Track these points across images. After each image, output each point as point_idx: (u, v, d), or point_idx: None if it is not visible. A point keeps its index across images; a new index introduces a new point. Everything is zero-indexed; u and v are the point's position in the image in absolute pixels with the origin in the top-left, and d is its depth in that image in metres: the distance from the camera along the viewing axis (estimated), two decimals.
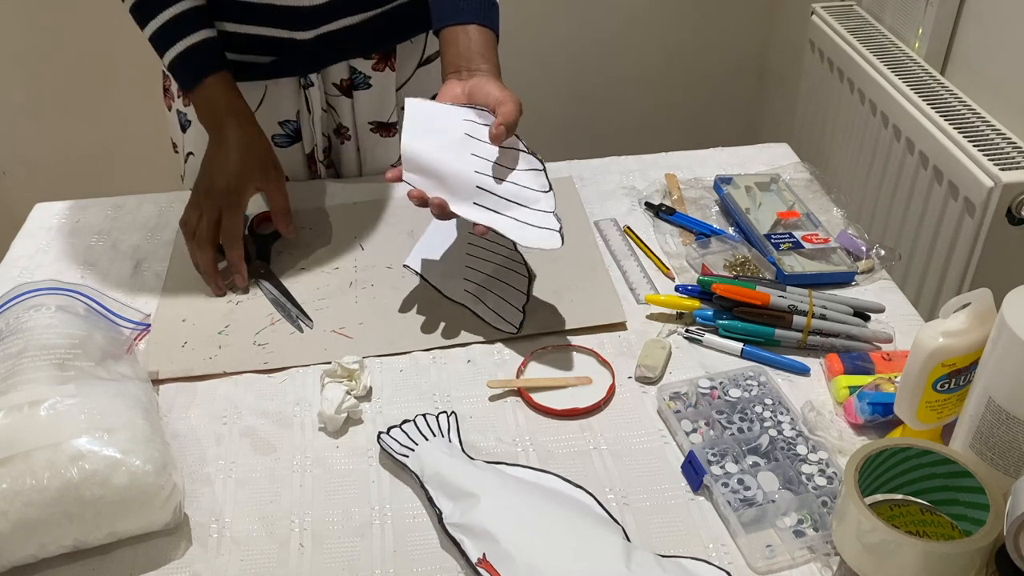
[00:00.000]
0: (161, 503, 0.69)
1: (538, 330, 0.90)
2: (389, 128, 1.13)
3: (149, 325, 0.86)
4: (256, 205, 1.09)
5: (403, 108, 0.89)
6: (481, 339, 0.89)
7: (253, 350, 0.88)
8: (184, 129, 1.14)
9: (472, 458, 0.76)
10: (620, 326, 0.91)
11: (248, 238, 1.01)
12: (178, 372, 0.86)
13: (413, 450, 0.76)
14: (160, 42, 0.97)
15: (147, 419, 0.72)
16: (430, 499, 0.72)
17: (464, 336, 0.89)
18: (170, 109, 1.16)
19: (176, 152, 1.20)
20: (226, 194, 0.95)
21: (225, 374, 0.86)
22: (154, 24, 0.96)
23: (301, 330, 0.91)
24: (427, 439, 0.77)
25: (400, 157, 0.87)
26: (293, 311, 0.93)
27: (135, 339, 0.85)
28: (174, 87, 1.13)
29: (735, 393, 0.81)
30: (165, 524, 0.70)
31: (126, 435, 0.69)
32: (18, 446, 0.66)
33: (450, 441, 0.77)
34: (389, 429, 0.78)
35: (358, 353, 0.87)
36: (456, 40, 0.92)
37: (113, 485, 0.66)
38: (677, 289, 0.93)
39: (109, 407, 0.70)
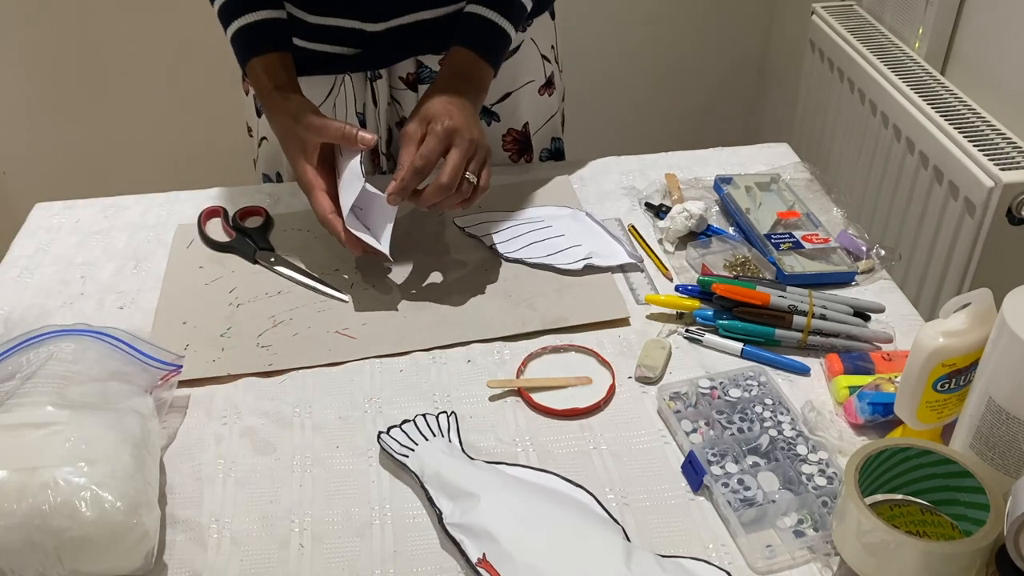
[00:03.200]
0: (129, 546, 0.65)
1: (541, 327, 0.90)
2: None
3: (180, 366, 0.82)
4: (244, 199, 1.09)
5: None
6: (481, 338, 0.89)
7: (256, 352, 0.88)
8: (259, 114, 1.16)
9: (472, 458, 0.76)
10: (622, 323, 0.91)
11: (240, 237, 1.02)
12: (182, 376, 0.86)
13: (413, 450, 0.76)
14: (223, 18, 0.97)
15: (135, 455, 0.69)
16: (430, 499, 0.72)
17: (464, 336, 0.90)
18: (247, 94, 1.17)
19: (251, 136, 1.22)
20: (297, 181, 0.96)
21: (230, 377, 0.86)
22: (218, 2, 0.97)
23: (346, 300, 0.94)
24: (427, 439, 0.77)
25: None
26: (322, 287, 0.95)
27: (163, 379, 0.81)
28: None
29: (735, 393, 0.81)
30: (134, 570, 0.67)
31: (106, 468, 0.66)
32: None
33: (450, 441, 0.77)
34: (389, 429, 0.78)
35: (362, 353, 0.87)
36: (445, 61, 0.97)
37: (80, 518, 0.63)
38: (677, 289, 0.93)
39: (98, 438, 0.68)
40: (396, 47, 1.07)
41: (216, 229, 1.06)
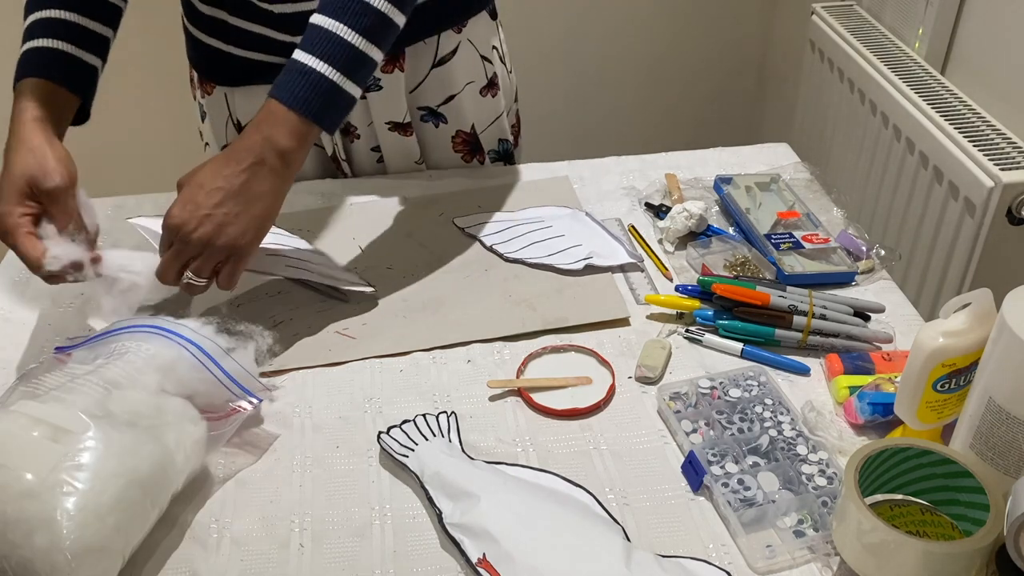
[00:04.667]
0: None
1: (541, 327, 0.90)
2: (406, 127, 1.12)
3: (261, 400, 0.78)
4: None
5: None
6: (481, 338, 0.89)
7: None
8: (203, 119, 1.15)
9: (472, 458, 0.76)
10: (622, 323, 0.91)
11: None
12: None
13: (413, 450, 0.76)
14: (23, 39, 0.89)
15: (121, 496, 0.65)
16: (430, 499, 0.72)
17: (464, 336, 0.90)
18: (194, 98, 1.17)
19: (202, 139, 1.21)
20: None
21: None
22: (25, 23, 0.89)
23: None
24: (427, 439, 0.77)
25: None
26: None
27: (233, 410, 0.76)
28: (196, 77, 1.13)
29: (735, 393, 0.81)
30: None
31: (81, 501, 0.62)
32: None
33: (450, 441, 0.77)
34: (389, 429, 0.78)
35: (362, 353, 0.87)
36: None
37: (31, 542, 0.61)
38: (677, 289, 0.93)
39: (95, 462, 0.64)
40: None
41: None
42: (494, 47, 1.15)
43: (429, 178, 1.15)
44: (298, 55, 0.81)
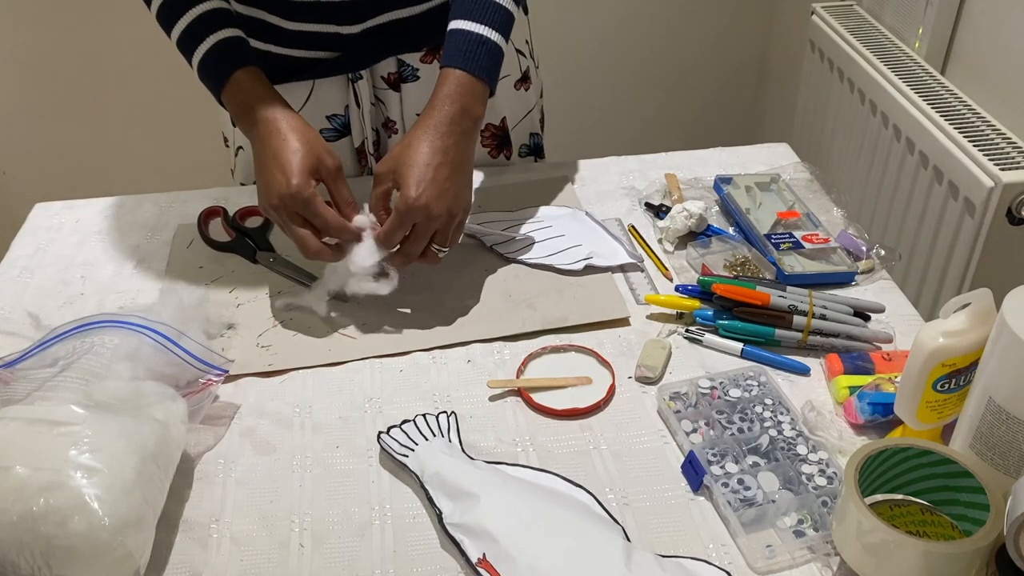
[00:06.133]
0: (112, 563, 0.64)
1: (541, 327, 0.90)
2: None
3: (226, 371, 0.81)
4: (243, 199, 1.09)
5: None
6: (481, 338, 0.89)
7: (256, 352, 0.88)
8: (235, 124, 1.15)
9: (472, 458, 0.76)
10: (622, 323, 0.91)
11: (240, 237, 1.02)
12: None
13: (413, 450, 0.76)
14: (185, 47, 0.92)
15: (140, 469, 0.67)
16: (430, 499, 0.72)
17: (464, 336, 0.90)
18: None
19: (227, 146, 1.20)
20: (293, 200, 0.84)
21: (230, 377, 0.86)
22: (178, 28, 0.92)
23: (346, 300, 0.92)
24: (427, 439, 0.77)
25: None
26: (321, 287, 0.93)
27: (206, 384, 0.79)
28: None
29: (735, 393, 0.81)
30: None
31: (105, 481, 0.65)
32: (2, 459, 0.64)
33: (450, 441, 0.77)
34: (389, 429, 0.78)
35: (362, 353, 0.88)
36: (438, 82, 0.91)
37: (68, 528, 0.63)
38: (677, 289, 0.93)
39: (107, 445, 0.67)
40: (375, 48, 1.06)
41: (217, 229, 1.06)
42: (526, 41, 1.16)
43: None
44: (468, 25, 0.90)
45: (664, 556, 0.67)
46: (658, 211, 1.07)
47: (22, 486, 0.63)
